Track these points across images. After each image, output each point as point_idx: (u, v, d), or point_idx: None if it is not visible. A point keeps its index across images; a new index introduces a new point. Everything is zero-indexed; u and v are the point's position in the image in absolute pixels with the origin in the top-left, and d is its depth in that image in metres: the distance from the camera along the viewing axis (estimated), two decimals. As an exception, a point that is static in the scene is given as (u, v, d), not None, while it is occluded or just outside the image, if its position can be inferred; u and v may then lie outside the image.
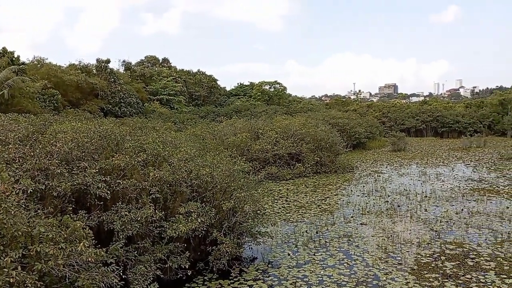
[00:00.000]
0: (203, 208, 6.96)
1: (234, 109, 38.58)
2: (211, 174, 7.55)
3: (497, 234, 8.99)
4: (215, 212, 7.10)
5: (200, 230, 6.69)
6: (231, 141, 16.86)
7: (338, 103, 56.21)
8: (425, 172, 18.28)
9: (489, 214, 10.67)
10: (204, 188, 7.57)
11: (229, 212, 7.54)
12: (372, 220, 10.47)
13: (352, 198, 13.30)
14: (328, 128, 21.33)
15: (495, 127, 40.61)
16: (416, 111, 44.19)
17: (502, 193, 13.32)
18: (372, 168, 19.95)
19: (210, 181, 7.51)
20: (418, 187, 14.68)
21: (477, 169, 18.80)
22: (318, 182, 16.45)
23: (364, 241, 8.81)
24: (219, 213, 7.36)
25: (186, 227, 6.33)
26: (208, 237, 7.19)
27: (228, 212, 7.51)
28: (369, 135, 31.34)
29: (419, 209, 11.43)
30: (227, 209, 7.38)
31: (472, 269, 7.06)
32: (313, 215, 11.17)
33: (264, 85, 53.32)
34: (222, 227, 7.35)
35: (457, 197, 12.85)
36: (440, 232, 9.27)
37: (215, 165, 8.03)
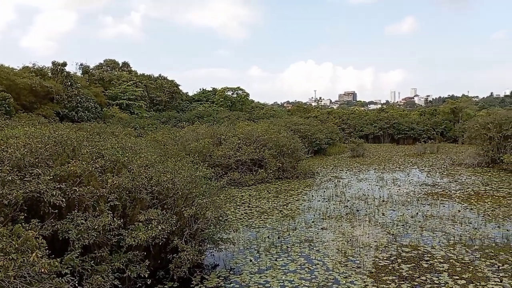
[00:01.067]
0: (164, 215, 6.84)
1: (197, 115, 38.30)
2: (173, 180, 7.44)
3: (449, 236, 9.40)
4: (176, 219, 6.99)
5: (161, 238, 6.56)
6: (193, 147, 16.71)
7: (300, 109, 57.10)
8: (382, 177, 18.88)
9: (442, 218, 11.15)
10: (165, 195, 7.43)
11: (191, 219, 7.45)
12: (333, 225, 10.67)
13: (313, 203, 13.51)
14: (290, 134, 21.61)
15: (447, 134, 42.69)
16: (374, 118, 45.72)
17: (454, 197, 13.97)
18: (332, 174, 20.37)
19: (171, 187, 7.39)
20: (376, 192, 15.13)
21: (430, 174, 19.64)
22: (280, 187, 16.59)
23: (324, 245, 8.96)
24: (180, 220, 7.25)
25: (146, 235, 6.19)
26: (168, 244, 7.06)
27: (190, 219, 7.42)
28: (330, 141, 32.02)
29: (377, 213, 11.78)
30: (189, 216, 7.28)
31: (426, 270, 7.34)
32: (275, 221, 11.24)
33: (227, 91, 53.36)
34: (184, 234, 7.24)
35: (412, 201, 13.35)
36: (396, 235, 9.58)
37: (176, 171, 7.91)
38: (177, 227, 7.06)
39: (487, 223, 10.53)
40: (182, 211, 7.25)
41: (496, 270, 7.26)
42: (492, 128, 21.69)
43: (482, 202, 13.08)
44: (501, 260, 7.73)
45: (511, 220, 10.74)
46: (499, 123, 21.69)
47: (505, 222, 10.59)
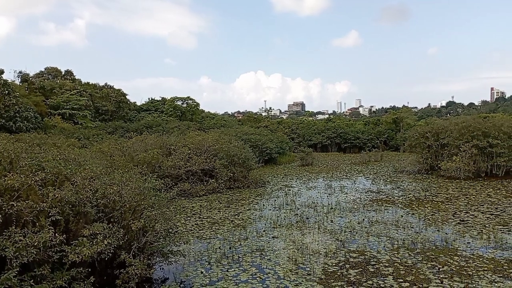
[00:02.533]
0: (110, 229, 6.57)
1: (145, 125, 37.36)
2: (119, 192, 7.18)
3: (393, 241, 9.82)
4: (123, 232, 6.74)
5: (107, 253, 6.28)
6: (142, 158, 16.27)
7: (250, 119, 57.59)
8: (330, 185, 19.41)
9: (386, 223, 11.62)
10: (112, 208, 7.15)
11: (139, 232, 7.21)
12: (283, 233, 10.78)
13: (264, 212, 13.59)
14: (241, 143, 21.68)
15: (390, 142, 44.86)
16: (321, 128, 47.07)
17: (397, 203, 14.63)
18: (282, 183, 20.64)
19: (118, 200, 7.13)
20: (325, 200, 15.51)
21: (375, 182, 20.46)
22: (232, 197, 16.55)
23: (275, 254, 9.02)
24: (128, 233, 7.00)
25: (91, 250, 5.90)
26: (115, 259, 6.78)
27: (138, 232, 7.18)
28: (280, 150, 32.48)
29: (326, 221, 12.06)
30: (137, 229, 7.05)
31: (373, 275, 7.59)
32: (227, 231, 11.17)
33: (177, 101, 52.66)
34: (131, 248, 7.00)
35: (359, 208, 13.82)
36: (344, 241, 9.86)
37: (123, 183, 7.64)
38: (124, 241, 6.81)
39: (428, 227, 11.12)
40: (129, 224, 7.01)
41: (436, 272, 7.66)
42: (430, 137, 23.08)
43: (422, 207, 13.81)
44: (441, 262, 8.18)
45: (449, 224, 11.41)
46: (436, 132, 23.12)
47: (444, 225, 11.23)
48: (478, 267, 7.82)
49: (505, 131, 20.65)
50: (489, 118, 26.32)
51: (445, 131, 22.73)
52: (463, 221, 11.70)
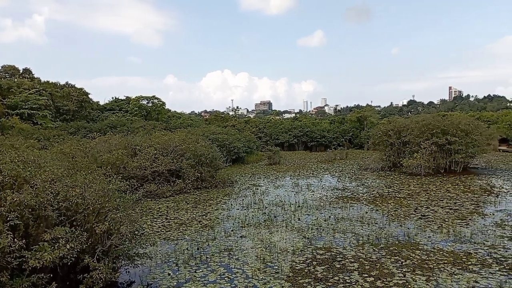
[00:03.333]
0: (73, 233, 6.36)
1: (109, 125, 36.42)
2: (82, 195, 6.96)
3: (358, 237, 10.06)
4: (87, 236, 6.55)
5: (69, 257, 6.09)
6: (106, 159, 15.86)
7: (218, 118, 57.33)
8: (297, 183, 19.63)
9: (351, 220, 11.89)
10: (74, 211, 6.93)
11: (104, 235, 7.03)
12: (251, 232, 10.81)
13: (232, 211, 13.57)
14: (208, 143, 21.55)
15: (355, 140, 45.91)
16: (288, 127, 47.52)
17: (361, 200, 14.99)
18: (250, 182, 20.69)
19: (81, 202, 6.91)
20: (292, 198, 15.67)
21: (341, 179, 20.88)
22: (199, 197, 16.42)
23: (244, 253, 9.04)
24: (91, 237, 6.81)
25: (52, 255, 5.70)
26: (78, 264, 6.58)
27: (102, 235, 6.99)
28: (247, 149, 32.54)
29: (293, 219, 12.19)
30: (101, 232, 6.86)
31: (339, 271, 7.75)
32: (194, 232, 11.08)
33: (142, 100, 51.64)
34: (96, 252, 6.81)
35: (325, 206, 14.06)
36: (311, 239, 10.00)
37: (86, 185, 7.42)
38: (88, 244, 6.61)
39: (391, 222, 11.46)
40: (93, 227, 6.81)
41: (400, 266, 7.92)
42: (393, 135, 23.80)
43: (386, 203, 14.22)
44: (404, 256, 8.45)
45: (411, 219, 11.81)
46: (398, 130, 23.87)
47: (406, 221, 11.62)
48: (438, 260, 8.15)
49: (463, 129, 21.60)
50: (448, 116, 27.44)
51: (407, 129, 23.51)
52: (424, 216, 12.14)
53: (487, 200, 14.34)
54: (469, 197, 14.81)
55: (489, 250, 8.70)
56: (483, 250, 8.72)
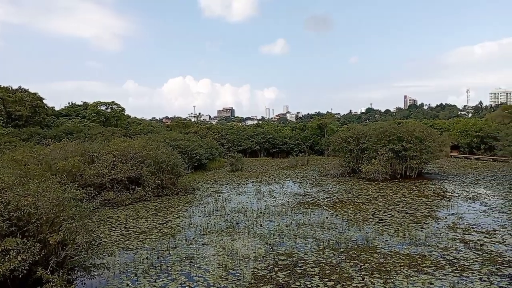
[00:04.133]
0: (25, 244, 6.06)
1: (65, 131, 35.05)
2: (35, 204, 6.65)
3: (319, 242, 10.21)
4: (40, 247, 6.26)
5: (21, 270, 5.79)
6: (61, 166, 15.24)
7: (179, 125, 56.59)
8: (260, 189, 19.71)
9: (313, 225, 12.06)
10: (27, 221, 6.61)
11: (58, 246, 6.74)
12: (213, 240, 10.72)
13: (194, 219, 13.41)
14: (170, 150, 21.22)
15: (315, 147, 46.77)
16: (251, 134, 47.72)
17: (322, 205, 15.25)
18: (212, 189, 20.54)
19: (33, 212, 6.60)
20: (254, 204, 15.70)
21: (302, 185, 21.16)
22: (160, 205, 16.11)
23: (205, 261, 8.94)
24: (45, 247, 6.51)
25: (2, 268, 5.40)
26: (31, 276, 6.27)
27: (57, 245, 6.71)
28: (210, 156, 32.35)
29: (255, 225, 12.21)
30: (55, 243, 6.58)
31: (300, 276, 7.83)
32: (155, 240, 10.84)
33: (100, 106, 50.15)
34: (49, 264, 6.51)
35: (287, 211, 14.18)
36: (273, 245, 10.05)
37: (40, 194, 7.10)
38: (41, 256, 6.32)
39: (350, 227, 11.73)
40: (47, 237, 6.52)
41: (359, 269, 8.10)
42: (352, 142, 24.46)
43: (345, 208, 14.54)
44: (362, 260, 8.66)
45: (369, 223, 12.14)
46: (357, 137, 24.56)
47: (364, 225, 11.92)
48: (395, 263, 8.41)
49: (417, 136, 22.54)
50: (403, 124, 28.52)
51: (365, 136, 24.25)
52: (381, 220, 12.51)
53: (440, 204, 14.99)
54: (423, 202, 15.43)
55: (443, 252, 9.09)
56: (437, 253, 9.09)
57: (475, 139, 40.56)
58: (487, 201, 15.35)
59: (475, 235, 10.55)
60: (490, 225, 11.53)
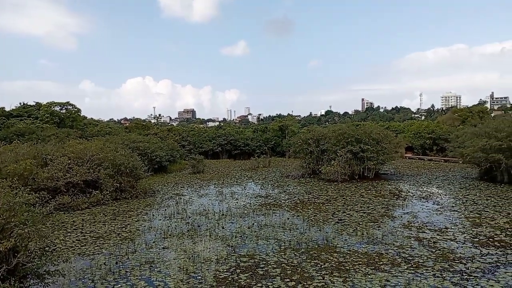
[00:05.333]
0: (-29, 253, 5.70)
1: (16, 133, 33.35)
2: (-17, 209, 6.28)
3: (281, 243, 10.31)
4: (-12, 255, 5.90)
5: (-34, 280, 5.44)
6: (12, 169, 14.50)
7: (139, 126, 55.27)
8: (221, 191, 19.63)
9: (274, 226, 12.15)
10: (-27, 228, 6.22)
11: (9, 253, 6.39)
12: (174, 243, 10.56)
13: (154, 222, 13.15)
14: (128, 152, 20.69)
15: (277, 149, 47.17)
16: (212, 135, 47.43)
17: (283, 206, 15.41)
18: (173, 191, 20.24)
19: (-19, 218, 6.22)
20: (216, 206, 15.62)
21: (264, 187, 21.29)
22: (118, 209, 15.67)
23: (166, 265, 8.78)
24: (-6, 256, 6.15)
25: None
26: (-22, 287, 5.90)
27: (8, 252, 6.35)
28: (170, 158, 31.85)
29: (217, 227, 12.14)
30: (6, 250, 6.23)
31: (262, 277, 7.86)
32: (113, 245, 10.53)
33: (54, 106, 48.12)
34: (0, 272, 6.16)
35: (249, 213, 14.21)
36: (235, 247, 10.04)
37: (-12, 199, 6.70)
38: (-11, 265, 5.96)
39: (311, 227, 11.92)
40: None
41: (319, 269, 8.25)
42: (312, 144, 24.89)
43: (306, 209, 14.77)
44: (322, 260, 8.83)
45: (329, 223, 12.39)
46: (317, 139, 25.03)
47: (324, 225, 12.16)
48: (354, 262, 8.63)
49: (374, 138, 23.28)
50: (361, 126, 29.37)
51: (325, 138, 24.76)
52: (341, 220, 12.81)
53: (396, 203, 15.56)
54: (380, 201, 15.95)
55: (398, 250, 9.43)
56: (393, 250, 9.42)
57: (427, 140, 42.46)
58: (439, 200, 16.09)
59: (428, 233, 11.02)
60: (442, 223, 12.10)
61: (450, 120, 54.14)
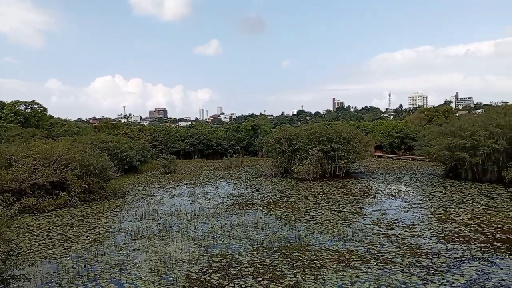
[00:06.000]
0: None
1: (-23, 132, 32.00)
2: None
3: (253, 242, 10.33)
4: None
5: None
6: (-27, 171, 13.89)
7: (108, 126, 54.06)
8: (194, 192, 19.48)
9: (247, 225, 12.16)
10: None
11: (-31, 259, 6.12)
12: (145, 244, 10.39)
13: (124, 224, 12.90)
14: (97, 152, 20.22)
15: (249, 148, 47.24)
16: (184, 135, 46.99)
17: (256, 206, 15.44)
18: (144, 192, 19.92)
19: None
20: (188, 207, 15.49)
21: (236, 186, 21.27)
22: (87, 210, 15.29)
23: (136, 267, 8.63)
24: (-47, 261, 5.88)
25: None
26: None
27: (-33, 258, 6.08)
28: (141, 158, 31.36)
29: (189, 228, 12.04)
30: (-34, 255, 5.97)
31: (234, 277, 7.85)
32: (81, 248, 10.26)
33: (19, 105, 46.42)
34: (-42, 279, 5.89)
35: (221, 213, 14.17)
36: (207, 247, 9.98)
37: None
38: None
39: (283, 226, 12.01)
40: (-45, 250, 5.89)
41: (291, 267, 8.32)
42: (284, 143, 25.06)
43: (278, 208, 14.86)
44: (295, 258, 8.91)
45: (301, 222, 12.51)
46: (289, 138, 25.22)
47: (296, 224, 12.27)
48: (325, 259, 8.76)
49: (345, 137, 23.70)
50: (332, 126, 29.81)
51: (297, 137, 24.99)
52: (312, 218, 12.97)
53: (366, 201, 15.89)
54: (350, 199, 16.24)
55: (368, 247, 9.63)
56: (363, 247, 9.62)
57: (396, 139, 43.60)
58: (407, 197, 16.54)
59: (397, 229, 11.31)
60: (410, 220, 12.44)
61: (417, 120, 55.77)
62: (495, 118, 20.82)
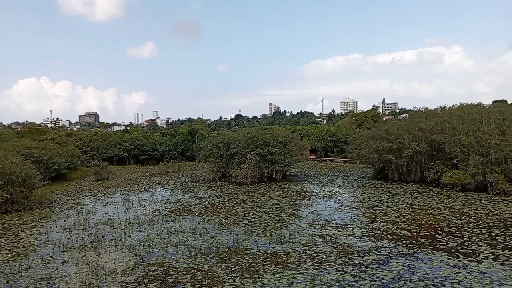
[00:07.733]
0: None
1: None
2: None
3: (191, 248, 10.17)
4: None
5: None
6: None
7: (33, 131, 50.44)
8: (128, 199, 18.78)
9: (184, 232, 11.96)
10: None
11: None
12: (75, 256, 9.82)
13: (51, 235, 12.09)
14: (21, 159, 18.76)
15: (187, 153, 46.57)
16: (118, 140, 45.17)
17: (194, 211, 15.24)
18: (74, 201, 18.84)
19: None
20: (122, 215, 14.90)
21: (174, 192, 20.85)
22: (9, 222, 14.12)
23: (66, 280, 8.12)
24: None
25: None
26: None
27: None
28: (70, 165, 29.67)
29: (123, 237, 11.58)
30: None
31: (172, 285, 7.67)
32: (3, 262, 9.45)
33: None
34: None
35: (158, 220, 13.80)
36: (143, 255, 9.66)
37: None
38: None
39: (222, 231, 11.97)
40: None
41: (230, 272, 8.30)
42: (222, 147, 25.05)
43: (217, 213, 14.79)
44: (233, 262, 8.90)
45: (239, 226, 12.56)
46: (227, 143, 25.26)
47: (235, 228, 12.29)
48: (263, 262, 8.85)
49: (281, 141, 24.24)
50: (269, 130, 30.34)
51: (234, 141, 25.09)
52: (250, 222, 13.07)
53: (302, 203, 16.34)
54: (287, 202, 16.61)
55: (304, 248, 9.90)
56: (300, 248, 9.87)
57: (329, 143, 45.40)
58: (340, 198, 17.28)
59: (331, 229, 11.76)
60: (343, 220, 13.00)
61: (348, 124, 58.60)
62: (418, 123, 22.47)
